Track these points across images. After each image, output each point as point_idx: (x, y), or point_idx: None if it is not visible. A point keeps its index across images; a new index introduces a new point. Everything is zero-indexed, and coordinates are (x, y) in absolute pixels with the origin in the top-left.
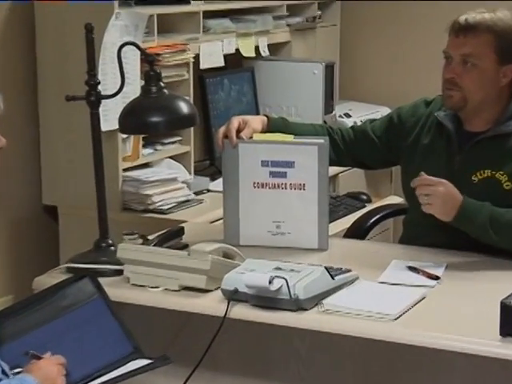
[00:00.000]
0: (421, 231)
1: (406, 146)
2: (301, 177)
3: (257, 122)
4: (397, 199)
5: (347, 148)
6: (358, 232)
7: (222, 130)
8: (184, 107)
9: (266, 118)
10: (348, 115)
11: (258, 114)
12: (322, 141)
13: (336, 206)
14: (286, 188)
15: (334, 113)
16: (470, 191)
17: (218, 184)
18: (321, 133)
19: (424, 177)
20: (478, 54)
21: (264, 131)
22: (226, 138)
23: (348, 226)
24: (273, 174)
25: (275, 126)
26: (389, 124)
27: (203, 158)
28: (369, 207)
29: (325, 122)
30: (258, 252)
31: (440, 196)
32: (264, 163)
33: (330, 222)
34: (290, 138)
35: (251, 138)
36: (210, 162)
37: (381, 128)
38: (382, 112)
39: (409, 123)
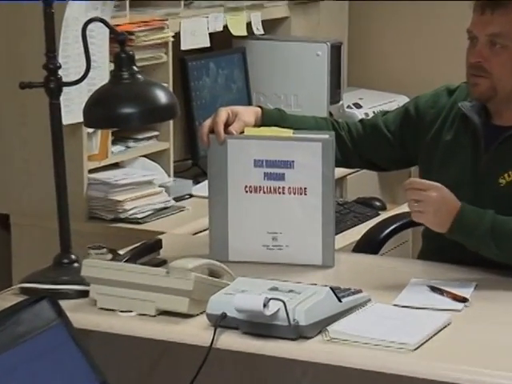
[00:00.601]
0: (445, 244)
1: (425, 143)
2: (301, 179)
3: (249, 113)
4: None
5: (355, 145)
6: (370, 245)
7: (207, 123)
8: (162, 96)
9: (259, 110)
10: (358, 105)
11: (250, 104)
12: (326, 136)
13: (344, 215)
14: (283, 193)
15: (341, 103)
16: (495, 196)
17: (202, 188)
18: (325, 127)
19: (414, 179)
20: (508, 34)
21: (257, 125)
22: (212, 132)
23: (358, 238)
24: (268, 176)
25: (271, 118)
26: (405, 117)
27: (185, 156)
28: (383, 216)
29: (330, 113)
30: (251, 269)
31: (432, 203)
32: (257, 163)
33: (337, 233)
34: (288, 132)
35: (242, 132)
36: (193, 161)
37: (395, 121)
38: (398, 102)
39: (428, 116)
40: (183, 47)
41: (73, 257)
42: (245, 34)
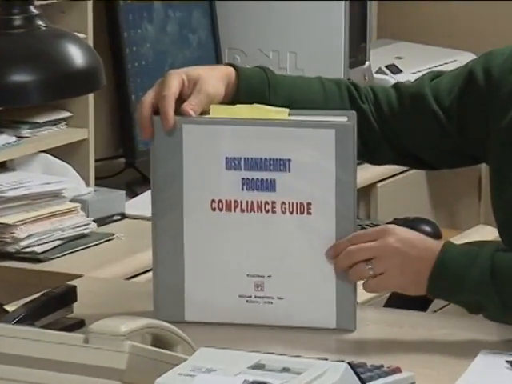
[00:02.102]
0: None
1: (500, 128)
2: (303, 189)
3: (216, 80)
4: (489, 232)
5: (385, 127)
6: (413, 297)
7: (148, 98)
8: (76, 55)
9: (232, 72)
10: (395, 69)
11: (218, 63)
12: (343, 119)
13: None
14: (273, 211)
15: (367, 64)
16: None
17: (141, 204)
18: (337, 98)
19: (353, 234)
20: None
21: (230, 99)
22: (157, 113)
23: None
24: (249, 185)
25: (251, 86)
26: (467, 85)
27: (114, 153)
28: None
29: (349, 79)
30: (221, 335)
31: (392, 253)
32: (231, 163)
33: None
34: (281, 113)
35: (205, 113)
36: (127, 160)
37: (451, 91)
38: (460, 61)
39: (506, 86)
40: None
41: None
42: None
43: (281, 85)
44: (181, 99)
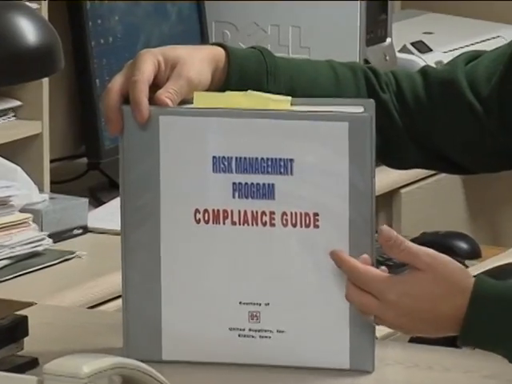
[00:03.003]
0: None
1: None
2: (308, 197)
3: (199, 62)
4: None
5: (410, 122)
6: None
7: (116, 82)
8: (27, 31)
9: (221, 53)
10: (424, 46)
11: (204, 42)
12: (359, 109)
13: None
14: (272, 223)
15: (388, 41)
16: None
17: (108, 214)
18: (351, 85)
19: (357, 274)
20: None
21: (218, 85)
22: (128, 102)
23: None
24: (241, 191)
25: (245, 72)
26: (510, 69)
27: (73, 151)
28: (475, 268)
29: (366, 61)
30: (207, 378)
31: (401, 316)
32: (220, 164)
33: None
34: (281, 102)
35: (186, 102)
36: (91, 161)
37: (491, 78)
38: (504, 36)
39: None
40: None
41: None
42: None
43: (282, 70)
44: (156, 86)
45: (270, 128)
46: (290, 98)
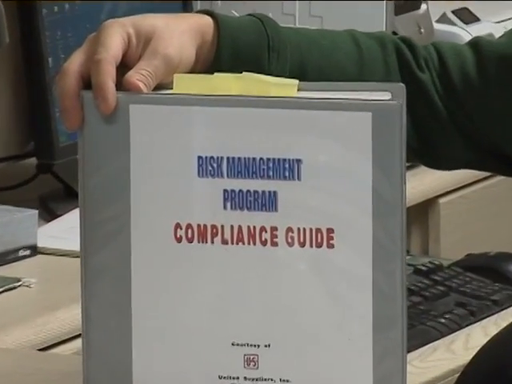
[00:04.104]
0: None
1: None
2: (320, 208)
3: (180, 35)
4: None
5: (458, 111)
6: (499, 379)
7: (75, 62)
8: None
9: (209, 24)
10: (468, 15)
11: (187, 10)
12: (385, 95)
13: (432, 301)
14: (273, 242)
15: (423, 8)
16: None
17: (63, 230)
18: (378, 61)
19: None
20: None
21: (207, 67)
22: (89, 87)
23: (467, 357)
24: (235, 200)
25: (241, 47)
26: None
27: (19, 149)
28: None
29: (394, 33)
30: None
31: None
32: (207, 166)
33: (414, 346)
34: (286, 85)
35: (164, 87)
36: (41, 161)
37: None
38: None
39: None
40: None
41: None
42: None
43: (288, 44)
44: (126, 66)
45: (271, 120)
46: (296, 81)
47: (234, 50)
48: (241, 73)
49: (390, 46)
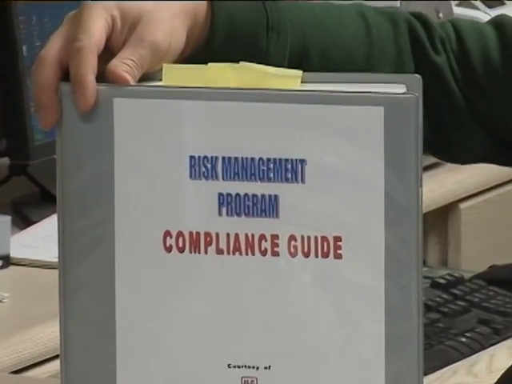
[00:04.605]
0: None
1: None
2: (327, 214)
3: (170, 17)
4: None
5: (478, 97)
6: None
7: (52, 49)
8: None
9: (201, 4)
10: None
11: None
12: (399, 88)
13: (452, 318)
14: (274, 252)
15: None
16: None
17: (39, 238)
18: (388, 40)
19: None
20: None
21: (196, 47)
22: (67, 79)
23: (492, 382)
24: (231, 205)
25: (236, 27)
26: None
27: None
28: None
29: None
30: None
31: None
32: (199, 167)
33: (431, 369)
34: (290, 77)
35: (151, 78)
36: (14, 161)
37: None
38: None
39: None
40: None
41: None
42: None
43: (289, 22)
44: (109, 51)
45: (271, 115)
46: (299, 72)
47: (229, 29)
48: (237, 55)
49: (403, 24)
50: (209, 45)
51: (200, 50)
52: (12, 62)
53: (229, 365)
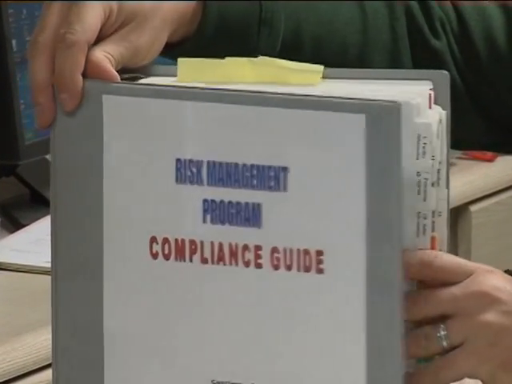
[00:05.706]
0: None
1: None
2: (309, 226)
3: (160, 21)
4: None
5: (480, 84)
6: None
7: (46, 35)
8: None
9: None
10: None
11: None
12: (426, 84)
13: None
14: (257, 263)
15: None
16: None
17: (29, 242)
18: (384, 26)
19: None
20: None
21: (192, 43)
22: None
23: None
24: (215, 212)
25: (227, 20)
26: None
27: None
28: None
29: None
30: None
31: (486, 310)
32: (185, 171)
33: None
34: (310, 72)
35: (140, 76)
36: (3, 161)
37: None
38: None
39: None
40: None
41: None
42: None
43: (283, 11)
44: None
45: (253, 118)
46: (320, 67)
47: (219, 19)
48: (226, 48)
49: (400, 7)
50: (198, 37)
51: (188, 41)
52: (1, 58)
53: (212, 381)
